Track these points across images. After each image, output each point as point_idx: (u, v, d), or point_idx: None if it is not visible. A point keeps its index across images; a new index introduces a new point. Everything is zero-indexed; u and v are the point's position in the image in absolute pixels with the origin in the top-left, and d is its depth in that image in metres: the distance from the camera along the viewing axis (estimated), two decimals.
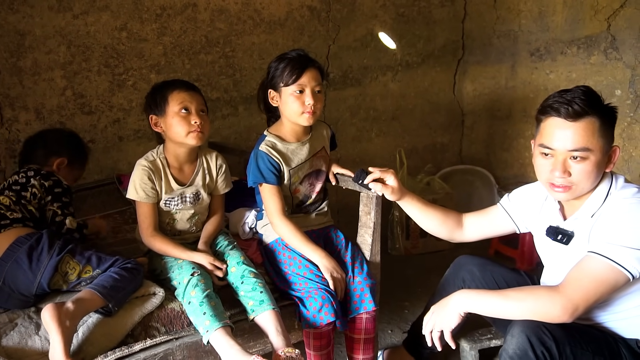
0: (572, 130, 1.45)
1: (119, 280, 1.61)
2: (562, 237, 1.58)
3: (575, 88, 1.48)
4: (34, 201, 1.82)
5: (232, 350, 1.53)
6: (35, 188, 1.83)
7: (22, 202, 1.80)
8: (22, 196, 1.80)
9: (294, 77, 1.81)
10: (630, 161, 2.83)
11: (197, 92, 1.86)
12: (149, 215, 1.82)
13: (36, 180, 1.84)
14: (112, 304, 1.57)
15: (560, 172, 1.47)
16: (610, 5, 2.78)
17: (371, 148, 3.30)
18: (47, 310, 1.47)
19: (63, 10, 2.30)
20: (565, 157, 1.47)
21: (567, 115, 1.45)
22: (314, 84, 1.84)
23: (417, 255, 3.09)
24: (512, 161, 3.40)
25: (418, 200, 1.85)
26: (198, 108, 1.82)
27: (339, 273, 1.82)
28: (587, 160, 1.45)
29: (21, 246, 1.63)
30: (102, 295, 1.55)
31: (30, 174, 1.86)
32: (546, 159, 1.51)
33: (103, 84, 2.44)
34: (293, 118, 1.87)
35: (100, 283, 1.58)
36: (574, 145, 1.45)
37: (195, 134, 1.79)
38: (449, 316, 1.58)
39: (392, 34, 3.19)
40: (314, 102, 1.83)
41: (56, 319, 1.45)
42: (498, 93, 3.40)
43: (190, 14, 2.57)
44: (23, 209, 1.79)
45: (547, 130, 1.50)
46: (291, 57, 1.85)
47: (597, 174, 1.49)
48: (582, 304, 1.42)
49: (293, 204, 1.98)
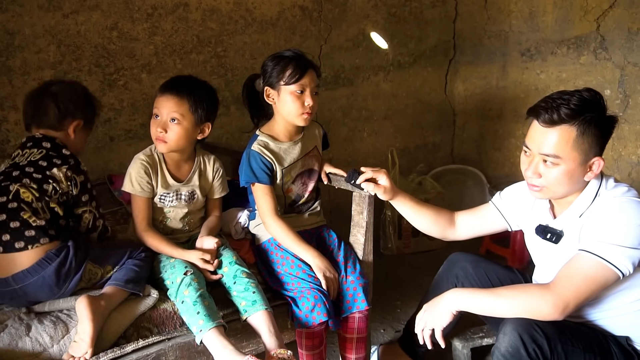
0: (546, 136, 1.47)
1: (137, 271, 1.68)
2: (551, 236, 1.59)
3: (576, 92, 1.47)
4: (54, 196, 1.63)
5: (226, 350, 1.53)
6: (58, 183, 1.63)
7: (45, 199, 1.61)
8: (44, 190, 1.61)
9: (297, 76, 1.81)
10: (619, 160, 2.86)
11: (175, 95, 1.76)
12: (143, 209, 1.82)
13: (60, 171, 1.64)
14: (139, 291, 1.65)
15: (531, 172, 1.51)
16: (600, 5, 2.80)
17: (363, 148, 3.30)
18: (85, 300, 1.51)
19: (53, 10, 2.28)
20: (539, 159, 1.50)
21: (543, 121, 1.47)
22: (313, 85, 1.85)
23: (410, 255, 3.10)
24: (503, 160, 3.42)
25: (410, 199, 1.85)
26: (167, 115, 1.75)
27: (331, 273, 1.82)
28: (558, 167, 1.47)
29: (50, 262, 1.56)
30: (127, 289, 1.63)
31: (47, 147, 1.66)
32: (525, 157, 1.55)
33: (94, 83, 2.42)
34: (290, 117, 1.87)
35: (122, 278, 1.64)
36: (544, 150, 1.48)
37: (158, 142, 1.78)
38: (441, 314, 1.58)
39: (383, 34, 3.20)
40: (313, 104, 1.84)
41: (92, 311, 1.50)
42: (489, 93, 3.42)
43: (182, 14, 2.56)
44: (46, 207, 1.61)
45: (529, 130, 1.53)
46: (291, 56, 1.85)
47: (570, 181, 1.49)
48: (573, 302, 1.43)
49: (285, 203, 1.98)
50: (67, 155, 1.70)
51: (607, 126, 1.48)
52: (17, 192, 1.59)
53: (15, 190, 1.59)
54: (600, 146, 1.48)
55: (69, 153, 1.71)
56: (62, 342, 1.53)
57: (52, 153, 1.68)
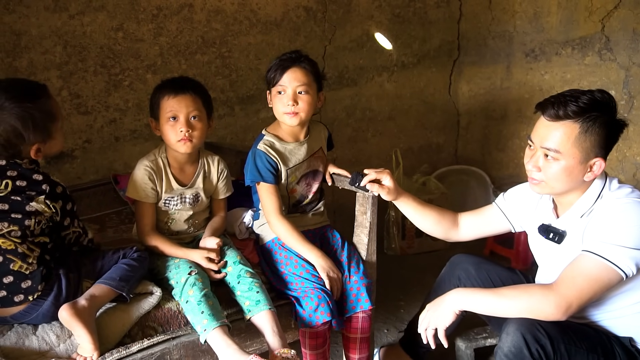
0: (549, 130, 1.48)
1: (129, 270, 1.64)
2: (554, 236, 1.59)
3: (588, 91, 1.48)
4: (38, 227, 1.49)
5: (230, 349, 1.54)
6: (40, 214, 1.50)
7: (29, 239, 1.48)
8: (25, 227, 1.46)
9: (275, 78, 1.85)
10: (624, 161, 2.85)
11: (188, 94, 1.78)
12: (147, 215, 1.83)
13: (38, 202, 1.49)
14: (125, 293, 1.59)
15: (532, 165, 1.53)
16: (604, 6, 2.80)
17: (367, 148, 3.30)
18: (65, 311, 1.47)
19: (59, 11, 2.29)
20: (541, 153, 1.51)
21: (548, 115, 1.48)
22: (296, 84, 1.83)
23: (413, 255, 3.10)
24: (507, 161, 3.42)
25: (414, 200, 1.86)
26: (188, 114, 1.77)
27: (335, 273, 1.82)
28: (558, 162, 1.48)
29: (46, 298, 1.52)
30: (115, 288, 1.58)
31: (14, 175, 1.47)
32: (529, 150, 1.57)
33: (99, 84, 2.43)
34: (279, 117, 1.90)
35: (111, 276, 1.60)
36: (546, 144, 1.49)
37: (183, 142, 1.78)
38: (444, 314, 1.59)
39: (387, 34, 3.20)
40: (293, 103, 1.83)
41: (76, 317, 1.47)
42: (493, 93, 3.41)
43: (187, 15, 2.57)
44: (32, 245, 1.48)
45: (535, 124, 1.55)
46: (280, 58, 1.87)
47: (568, 178, 1.50)
48: (576, 302, 1.43)
49: (290, 203, 1.99)
50: (39, 181, 1.51)
51: (613, 129, 1.48)
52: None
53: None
54: (603, 148, 1.48)
55: (41, 178, 1.52)
56: (68, 341, 1.54)
57: (20, 184, 1.49)
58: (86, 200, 2.27)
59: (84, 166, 2.47)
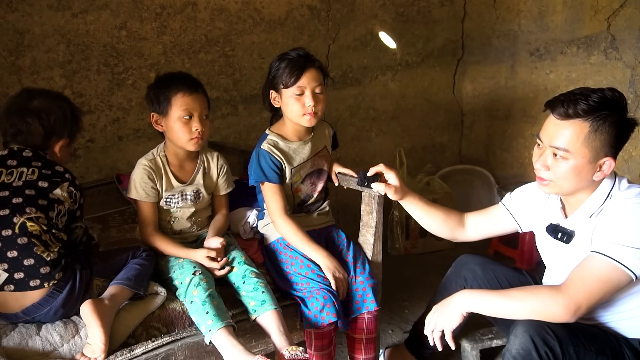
0: (559, 129, 1.46)
1: (140, 269, 1.68)
2: (562, 236, 1.58)
3: (598, 90, 1.46)
4: (59, 220, 1.56)
5: (235, 350, 1.53)
6: (62, 204, 1.57)
7: (53, 231, 1.53)
8: (50, 218, 1.53)
9: (293, 79, 1.81)
10: (630, 161, 2.84)
11: (200, 92, 1.81)
12: (149, 215, 1.82)
13: (63, 189, 1.57)
14: (141, 291, 1.64)
15: (540, 164, 1.51)
16: (610, 5, 2.78)
17: (371, 148, 3.29)
18: (88, 305, 1.50)
19: (62, 9, 2.29)
20: (550, 152, 1.50)
21: (558, 114, 1.46)
22: (314, 84, 1.83)
23: (417, 255, 3.09)
24: (511, 161, 3.40)
25: (420, 199, 1.84)
26: (201, 113, 1.79)
27: (340, 273, 1.81)
28: (567, 161, 1.46)
29: (61, 291, 1.53)
30: (131, 287, 1.62)
31: (39, 165, 1.56)
32: (538, 149, 1.55)
33: (102, 83, 2.43)
34: (295, 119, 1.87)
35: (126, 276, 1.64)
36: (555, 143, 1.47)
37: (195, 141, 1.79)
38: (451, 316, 1.57)
39: (391, 33, 3.19)
40: (314, 104, 1.82)
41: (97, 314, 1.49)
42: (497, 93, 3.40)
43: (190, 13, 2.56)
44: (53, 238, 1.53)
45: (544, 123, 1.53)
46: (291, 57, 1.84)
47: (577, 178, 1.48)
48: (585, 304, 1.42)
49: (294, 203, 1.98)
50: (61, 171, 1.62)
51: (624, 128, 1.46)
52: (23, 225, 1.49)
53: (21, 223, 1.49)
54: (613, 147, 1.46)
55: (62, 169, 1.63)
56: (72, 341, 1.53)
57: (45, 172, 1.58)
58: (89, 200, 2.25)
59: (87, 165, 2.46)
